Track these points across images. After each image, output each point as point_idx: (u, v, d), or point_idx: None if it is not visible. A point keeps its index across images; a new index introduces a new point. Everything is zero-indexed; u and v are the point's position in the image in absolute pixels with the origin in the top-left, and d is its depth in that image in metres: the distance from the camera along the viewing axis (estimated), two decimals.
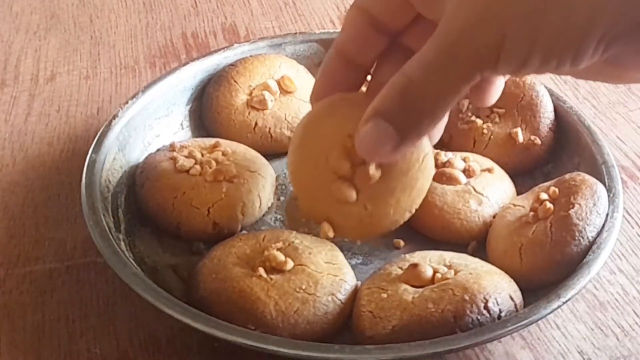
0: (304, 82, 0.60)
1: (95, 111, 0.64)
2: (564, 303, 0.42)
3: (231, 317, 0.43)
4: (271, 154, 0.57)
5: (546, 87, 0.57)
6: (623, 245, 0.51)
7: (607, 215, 0.47)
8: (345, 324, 0.45)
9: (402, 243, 0.51)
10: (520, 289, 0.44)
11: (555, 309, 0.42)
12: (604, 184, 0.49)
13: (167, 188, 0.51)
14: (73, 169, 0.57)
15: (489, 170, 0.53)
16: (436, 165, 0.50)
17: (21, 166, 0.59)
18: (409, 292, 0.43)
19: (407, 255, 0.47)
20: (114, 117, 0.54)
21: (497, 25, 0.32)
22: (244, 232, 0.52)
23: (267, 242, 0.48)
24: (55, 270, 0.50)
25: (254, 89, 0.59)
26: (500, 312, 0.42)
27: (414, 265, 0.45)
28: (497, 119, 0.56)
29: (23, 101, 0.66)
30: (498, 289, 0.43)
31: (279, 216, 0.54)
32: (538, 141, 0.55)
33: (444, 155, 0.53)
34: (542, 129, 0.55)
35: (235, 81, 0.59)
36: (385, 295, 0.44)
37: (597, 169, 0.51)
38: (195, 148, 0.54)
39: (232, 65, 0.60)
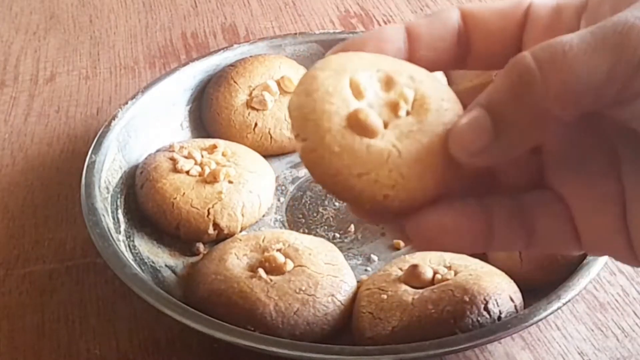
0: None
1: (95, 111, 0.64)
2: (564, 304, 0.42)
3: (231, 318, 0.43)
4: (271, 155, 0.58)
5: None
6: None
7: None
8: (345, 325, 0.45)
9: (401, 244, 0.51)
10: (520, 290, 0.44)
11: (556, 310, 0.42)
12: None
13: (167, 189, 0.51)
14: (73, 169, 0.57)
15: None
16: None
17: (21, 166, 0.59)
18: (408, 293, 0.43)
19: (407, 256, 0.47)
20: (113, 118, 0.54)
21: None
22: (243, 232, 0.51)
23: (267, 243, 0.48)
24: (54, 270, 0.50)
25: (253, 89, 0.59)
26: (500, 313, 0.42)
27: (414, 266, 0.45)
28: None
29: (22, 101, 0.66)
30: (498, 289, 0.43)
31: (278, 217, 0.54)
32: None
33: None
34: None
35: (235, 82, 0.59)
36: (385, 296, 0.44)
37: None
38: (194, 149, 0.54)
39: (232, 65, 0.60)
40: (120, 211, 0.51)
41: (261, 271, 0.45)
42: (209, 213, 0.51)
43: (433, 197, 0.30)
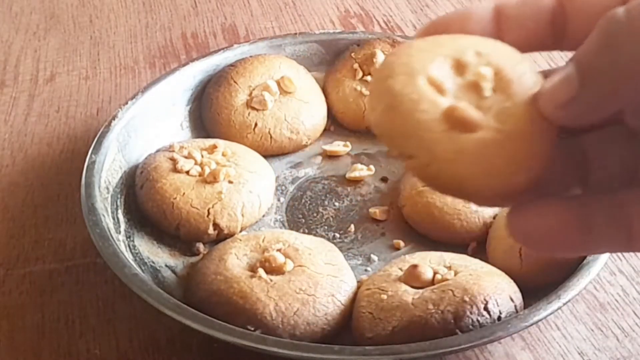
0: (303, 82, 0.60)
1: (95, 112, 0.64)
2: (564, 304, 0.42)
3: (231, 318, 0.43)
4: (271, 155, 0.58)
5: None
6: None
7: None
8: (345, 325, 0.45)
9: (401, 244, 0.51)
10: (521, 290, 0.44)
11: (556, 310, 0.42)
12: None
13: (167, 189, 0.51)
14: (73, 169, 0.57)
15: None
16: None
17: (21, 167, 0.59)
18: (408, 293, 0.43)
19: (407, 256, 0.47)
20: (113, 118, 0.54)
21: None
22: (243, 233, 0.51)
23: (267, 243, 0.48)
24: (54, 270, 0.50)
25: (253, 89, 0.59)
26: (500, 313, 0.42)
27: (414, 266, 0.44)
28: None
29: (23, 102, 0.66)
30: (498, 290, 0.43)
31: (278, 217, 0.54)
32: None
33: None
34: None
35: (235, 81, 0.59)
36: (385, 297, 0.44)
37: None
38: (194, 149, 0.54)
39: (232, 65, 0.60)
40: (120, 211, 0.51)
41: (261, 271, 0.45)
42: (209, 213, 0.51)
43: (551, 160, 0.28)
